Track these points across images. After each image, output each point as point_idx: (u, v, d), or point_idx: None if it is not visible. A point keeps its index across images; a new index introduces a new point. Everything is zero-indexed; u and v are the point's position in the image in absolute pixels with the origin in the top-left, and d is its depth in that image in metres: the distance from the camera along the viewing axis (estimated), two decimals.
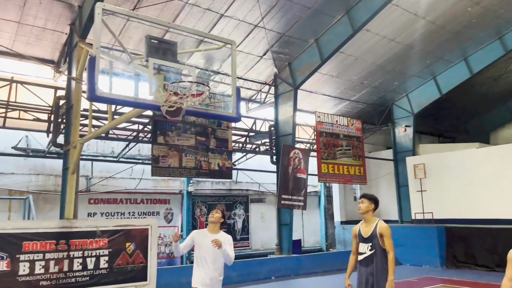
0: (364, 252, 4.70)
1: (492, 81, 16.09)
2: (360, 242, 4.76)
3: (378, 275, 4.55)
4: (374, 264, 4.59)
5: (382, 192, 17.39)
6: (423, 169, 14.40)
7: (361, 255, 4.73)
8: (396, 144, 16.67)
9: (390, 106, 16.74)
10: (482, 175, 12.99)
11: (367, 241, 4.68)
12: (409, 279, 10.94)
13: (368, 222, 4.76)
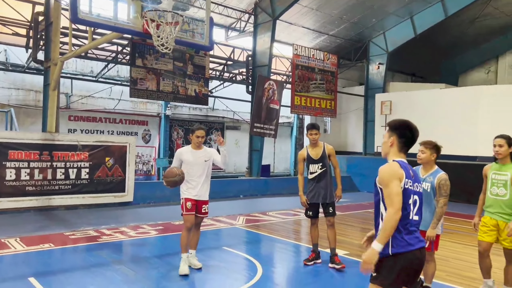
0: (315, 171, 5.58)
1: (466, 24, 16.53)
2: (310, 163, 5.61)
3: (329, 187, 5.56)
4: (325, 180, 5.55)
5: (351, 126, 18.41)
6: (389, 106, 15.26)
7: (312, 174, 5.60)
8: (368, 81, 17.35)
9: (366, 43, 17.14)
10: (444, 115, 13.87)
11: (317, 162, 5.57)
12: (363, 202, 12.23)
13: (315, 146, 5.61)
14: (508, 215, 4.05)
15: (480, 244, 4.30)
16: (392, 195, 2.48)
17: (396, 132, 2.71)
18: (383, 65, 16.86)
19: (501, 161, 4.16)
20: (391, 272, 2.49)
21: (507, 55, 18.40)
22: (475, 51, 18.99)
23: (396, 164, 2.60)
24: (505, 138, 4.11)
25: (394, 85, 17.47)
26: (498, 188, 4.11)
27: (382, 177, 2.57)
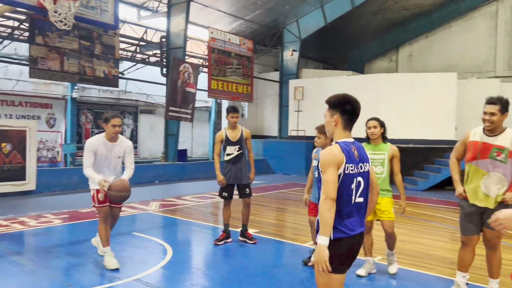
0: (232, 153, 5.71)
1: (371, 16, 17.69)
2: (228, 145, 5.72)
3: (244, 169, 5.75)
4: (241, 162, 5.73)
5: (267, 110, 18.87)
6: (301, 91, 15.90)
7: (229, 155, 5.73)
8: (283, 67, 17.86)
9: (281, 29, 17.57)
10: None
11: (235, 144, 5.71)
12: (277, 184, 12.70)
13: (234, 129, 5.75)
14: (385, 191, 4.40)
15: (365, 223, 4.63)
16: (327, 182, 2.38)
17: (338, 109, 2.55)
18: (297, 52, 17.44)
19: (374, 142, 4.46)
20: (334, 257, 2.40)
21: (406, 46, 20.05)
22: (379, 41, 20.43)
23: (337, 147, 2.46)
24: (378, 120, 4.45)
25: (306, 72, 18.20)
26: (376, 166, 4.39)
27: (321, 163, 2.46)
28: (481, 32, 17.81)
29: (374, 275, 4.62)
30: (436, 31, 18.97)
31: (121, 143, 4.76)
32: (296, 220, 7.85)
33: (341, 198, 2.43)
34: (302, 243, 6.00)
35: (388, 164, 4.43)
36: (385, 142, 4.51)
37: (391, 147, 4.47)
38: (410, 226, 7.31)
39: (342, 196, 2.43)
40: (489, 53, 17.64)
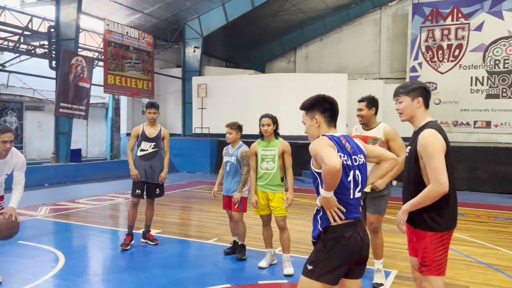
0: (146, 149, 5.53)
1: (271, 17, 18.30)
2: (144, 141, 5.53)
3: (157, 168, 5.57)
4: (155, 160, 5.55)
5: (170, 107, 18.44)
6: (205, 89, 15.85)
7: (143, 151, 5.52)
8: (185, 63, 17.60)
9: (182, 25, 17.28)
10: (253, 98, 15.16)
11: (151, 141, 5.54)
12: (181, 182, 12.48)
13: (152, 126, 5.60)
14: (276, 186, 4.54)
15: (262, 218, 4.72)
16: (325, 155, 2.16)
17: (316, 109, 2.43)
18: (199, 49, 17.32)
19: (267, 138, 4.58)
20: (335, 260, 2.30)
21: (303, 47, 21.16)
22: (278, 42, 21.24)
23: (325, 137, 2.34)
24: (271, 118, 4.60)
25: (209, 69, 18.19)
26: (267, 162, 4.53)
27: (312, 150, 2.27)
28: (368, 37, 19.54)
29: (275, 265, 4.77)
30: (329, 35, 20.33)
31: (12, 158, 4.05)
32: (201, 217, 7.80)
33: (336, 194, 2.26)
34: (206, 240, 5.98)
35: (279, 159, 4.52)
36: (277, 138, 4.62)
37: (281, 142, 4.57)
38: (308, 217, 7.70)
39: (337, 191, 2.25)
40: (375, 57, 19.43)
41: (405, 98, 2.77)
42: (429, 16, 17.43)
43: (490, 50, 16.42)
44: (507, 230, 6.96)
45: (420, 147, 2.59)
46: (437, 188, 2.49)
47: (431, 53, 17.44)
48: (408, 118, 2.80)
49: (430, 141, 2.56)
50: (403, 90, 2.79)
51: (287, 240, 4.58)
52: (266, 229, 4.76)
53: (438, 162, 2.51)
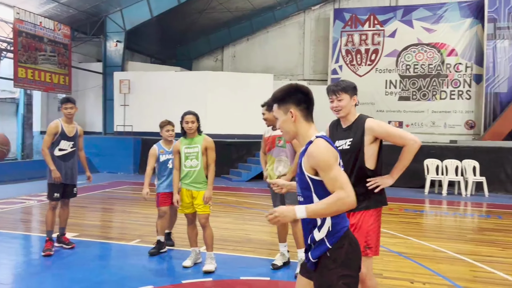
0: (66, 149, 5.21)
1: (197, 14, 18.10)
2: (63, 139, 5.18)
3: (75, 168, 5.34)
4: (73, 159, 5.28)
5: (89, 104, 17.46)
6: (128, 85, 15.23)
7: (62, 151, 5.18)
8: (106, 58, 16.76)
9: (103, 18, 16.43)
10: (180, 96, 14.83)
11: (70, 140, 5.24)
12: (101, 183, 11.86)
13: (70, 123, 5.25)
14: (200, 184, 4.48)
15: (187, 216, 4.63)
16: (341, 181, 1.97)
17: (290, 101, 2.12)
18: (121, 43, 16.59)
19: (190, 136, 4.50)
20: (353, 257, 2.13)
21: (230, 46, 21.23)
22: (206, 40, 21.08)
23: (324, 141, 2.06)
24: (194, 115, 4.53)
25: (133, 65, 17.50)
26: (191, 160, 4.48)
27: (321, 162, 2.00)
28: (292, 39, 20.14)
29: (200, 264, 4.73)
30: (256, 35, 20.62)
31: None
32: (123, 219, 7.47)
33: None
34: (128, 242, 5.74)
35: (202, 156, 4.48)
36: (200, 134, 4.56)
37: (204, 139, 4.53)
38: (234, 215, 7.76)
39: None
40: (299, 58, 20.09)
41: (345, 96, 3.02)
42: (348, 21, 18.42)
43: (402, 56, 17.79)
44: (415, 221, 7.58)
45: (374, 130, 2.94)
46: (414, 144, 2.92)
47: (350, 56, 18.45)
48: (346, 114, 3.04)
49: (380, 121, 3.01)
50: (343, 89, 3.02)
51: (209, 238, 4.55)
52: (191, 228, 4.70)
53: (396, 128, 3.05)
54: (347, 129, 3.05)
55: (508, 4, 16.11)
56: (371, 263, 3.00)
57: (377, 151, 3.02)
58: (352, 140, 2.99)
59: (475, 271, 4.66)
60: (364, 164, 2.96)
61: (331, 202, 1.96)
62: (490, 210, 8.63)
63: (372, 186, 2.96)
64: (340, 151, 2.85)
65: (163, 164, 5.17)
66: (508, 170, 10.99)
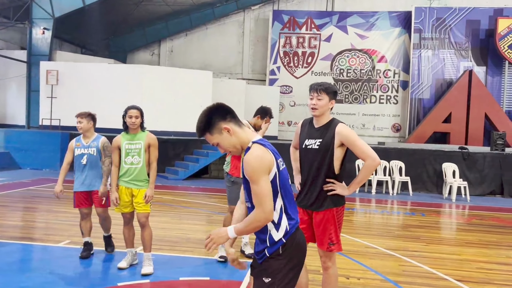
0: None
1: (132, 6, 17.43)
2: None
3: None
4: None
5: (11, 95, 16.13)
6: (56, 75, 14.24)
7: None
8: (32, 46, 15.54)
9: (29, 2, 15.21)
10: (113, 89, 14.15)
11: None
12: (24, 180, 10.96)
13: None
14: (141, 182, 4.31)
15: (124, 216, 4.43)
16: (262, 195, 2.00)
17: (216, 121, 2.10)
18: (49, 31, 15.46)
19: (133, 131, 4.32)
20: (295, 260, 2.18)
21: (168, 41, 20.72)
22: (141, 33, 20.36)
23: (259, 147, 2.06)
24: (139, 110, 4.35)
25: (62, 55, 16.40)
26: (132, 157, 4.30)
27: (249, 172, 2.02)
28: (232, 38, 20.14)
29: (136, 265, 4.53)
30: (195, 31, 20.33)
31: None
32: (49, 219, 6.95)
33: (285, 198, 2.13)
34: (56, 243, 5.34)
35: (145, 153, 4.33)
36: (143, 130, 4.40)
37: (147, 135, 4.37)
38: (171, 214, 7.55)
39: (286, 195, 2.13)
40: (238, 57, 20.14)
41: (325, 97, 3.06)
42: (287, 23, 18.82)
43: (337, 60, 18.54)
44: (348, 219, 7.90)
45: (343, 136, 3.03)
46: (373, 162, 3.02)
47: (288, 58, 18.86)
48: (320, 114, 3.09)
49: (350, 130, 3.12)
50: (326, 89, 3.07)
51: (148, 238, 4.37)
52: (128, 228, 4.48)
53: (362, 142, 3.06)
54: (319, 130, 3.12)
55: (432, 17, 17.43)
56: (335, 258, 3.18)
57: (342, 155, 3.11)
58: (321, 141, 3.06)
59: (403, 265, 4.95)
60: (333, 165, 3.05)
61: (250, 221, 2.04)
62: (415, 208, 9.25)
63: (327, 188, 3.05)
64: (308, 150, 3.12)
65: (76, 159, 4.71)
66: (430, 170, 11.86)
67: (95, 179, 4.69)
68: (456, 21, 17.27)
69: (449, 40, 17.33)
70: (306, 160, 3.13)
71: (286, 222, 2.12)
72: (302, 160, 3.19)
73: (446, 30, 17.34)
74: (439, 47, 17.41)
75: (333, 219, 3.08)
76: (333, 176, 3.08)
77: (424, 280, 4.42)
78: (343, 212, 3.19)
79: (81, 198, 4.74)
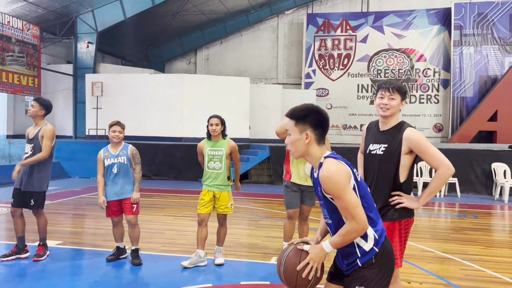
0: (27, 152, 4.89)
1: (171, 16, 17.89)
2: (27, 143, 4.93)
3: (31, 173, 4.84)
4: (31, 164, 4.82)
5: (59, 107, 16.87)
6: (100, 87, 14.81)
7: (26, 154, 4.90)
8: (77, 60, 16.27)
9: (74, 18, 15.94)
10: (154, 98, 14.57)
11: (30, 142, 4.90)
12: (75, 189, 11.45)
13: (35, 125, 4.95)
14: (223, 186, 4.72)
15: (199, 215, 4.75)
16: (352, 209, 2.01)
17: (308, 123, 2.09)
18: (93, 45, 16.14)
19: (215, 138, 4.72)
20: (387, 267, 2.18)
21: (203, 49, 21.12)
22: (178, 42, 20.87)
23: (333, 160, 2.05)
24: (219, 118, 4.74)
25: (105, 67, 17.07)
26: (214, 162, 4.69)
27: (331, 186, 2.01)
28: (266, 43, 20.27)
29: (199, 268, 4.64)
30: (229, 38, 20.61)
31: None
32: (105, 225, 7.22)
33: (367, 208, 2.10)
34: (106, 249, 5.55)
35: (226, 160, 4.70)
36: (224, 138, 4.77)
37: (228, 142, 4.74)
38: None
39: (368, 204, 2.12)
40: (272, 62, 20.23)
41: (398, 97, 2.86)
42: (321, 26, 18.74)
43: (373, 61, 18.27)
44: None
45: (412, 143, 2.76)
46: (447, 170, 2.74)
47: (323, 61, 18.76)
48: (391, 114, 2.87)
49: (420, 135, 2.82)
50: (399, 89, 2.86)
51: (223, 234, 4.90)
52: (200, 228, 4.78)
53: (434, 149, 2.77)
54: (385, 133, 2.89)
55: (473, 12, 16.88)
56: (397, 274, 2.95)
57: (410, 163, 2.84)
58: (386, 147, 2.83)
59: (465, 269, 4.82)
60: (398, 173, 2.80)
61: (344, 234, 2.05)
62: (465, 210, 8.97)
63: (394, 202, 2.81)
64: (372, 155, 2.88)
65: (107, 169, 4.75)
66: (478, 171, 11.46)
67: (126, 187, 4.78)
68: (499, 15, 16.64)
69: (492, 35, 16.73)
70: (370, 167, 2.92)
71: (372, 231, 2.11)
72: (366, 167, 2.97)
73: (488, 25, 16.74)
74: (481, 43, 16.83)
75: (398, 233, 2.83)
76: (399, 185, 2.82)
77: (490, 285, 4.28)
78: (411, 225, 2.91)
79: (112, 208, 4.82)
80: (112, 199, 4.78)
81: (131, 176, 4.82)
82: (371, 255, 2.10)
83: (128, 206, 4.77)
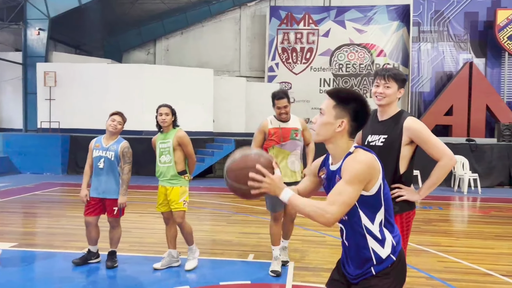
0: None
1: (129, 4, 17.11)
2: None
3: None
4: None
5: (6, 98, 15.76)
6: (53, 77, 13.88)
7: None
8: (27, 47, 15.15)
9: (23, 3, 14.82)
10: (111, 89, 13.84)
11: None
12: (26, 185, 10.67)
13: None
14: (175, 180, 4.28)
15: (162, 214, 4.45)
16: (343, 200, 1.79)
17: (348, 110, 1.87)
18: (45, 32, 15.09)
19: (165, 130, 4.32)
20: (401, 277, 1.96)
21: (163, 40, 20.39)
22: (137, 32, 20.01)
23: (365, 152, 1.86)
24: (169, 107, 4.33)
25: (58, 56, 16.04)
26: (165, 156, 4.28)
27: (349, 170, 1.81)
28: (228, 35, 19.90)
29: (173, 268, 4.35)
30: (190, 29, 20.04)
31: None
32: (63, 224, 6.71)
33: (387, 212, 1.92)
34: (77, 250, 5.12)
35: (174, 152, 4.26)
36: (174, 128, 4.36)
37: (176, 133, 4.30)
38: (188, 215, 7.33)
39: (389, 208, 1.93)
40: (235, 55, 19.90)
41: (394, 85, 2.71)
42: (284, 19, 18.65)
43: (335, 55, 18.43)
44: None
45: (413, 133, 2.62)
46: (450, 161, 2.61)
47: (286, 54, 18.69)
48: (387, 103, 2.72)
49: (422, 124, 2.66)
50: (395, 76, 2.72)
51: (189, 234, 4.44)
52: (168, 227, 4.48)
53: (436, 139, 2.63)
54: (384, 123, 2.74)
55: (430, 9, 17.41)
56: None
57: (410, 154, 2.71)
58: (386, 137, 2.68)
59: (443, 261, 4.84)
60: (398, 165, 2.66)
61: (314, 208, 1.79)
62: (430, 202, 9.16)
63: (394, 195, 2.64)
64: (371, 147, 2.68)
65: (94, 161, 4.37)
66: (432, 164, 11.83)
67: (109, 186, 4.33)
68: (454, 13, 17.27)
69: (448, 32, 17.34)
70: None
71: (390, 237, 1.92)
72: None
73: (445, 23, 17.34)
74: (438, 40, 17.41)
75: (399, 226, 2.64)
76: (399, 177, 2.69)
77: (471, 276, 4.31)
78: (413, 218, 2.78)
79: (91, 204, 4.40)
80: (92, 195, 4.39)
81: (117, 176, 4.35)
82: (388, 263, 1.90)
83: (110, 209, 4.37)
